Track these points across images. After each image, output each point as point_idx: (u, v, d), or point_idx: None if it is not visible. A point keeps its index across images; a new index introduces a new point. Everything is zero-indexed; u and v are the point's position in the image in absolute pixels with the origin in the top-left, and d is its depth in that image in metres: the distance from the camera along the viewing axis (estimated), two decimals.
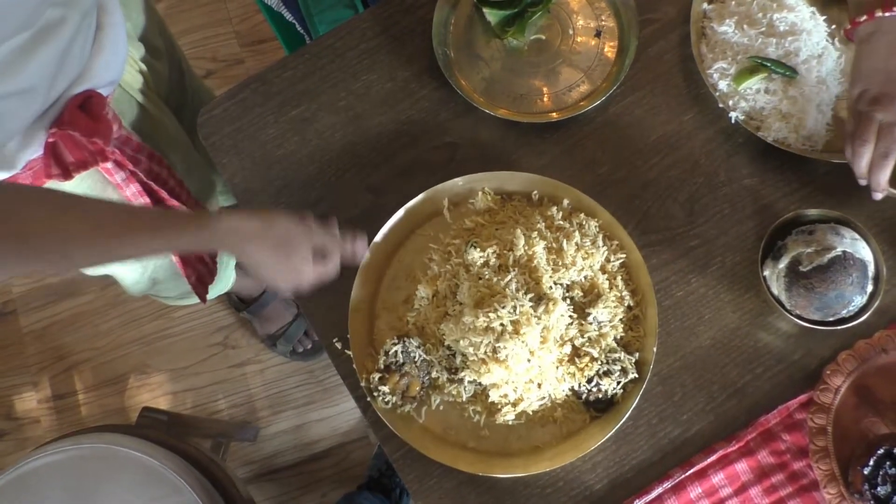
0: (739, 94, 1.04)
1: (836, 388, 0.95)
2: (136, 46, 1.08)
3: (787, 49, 1.04)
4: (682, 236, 1.03)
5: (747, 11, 1.07)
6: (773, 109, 1.03)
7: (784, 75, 1.03)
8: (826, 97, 1.04)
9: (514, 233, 0.97)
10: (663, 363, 0.99)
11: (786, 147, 1.02)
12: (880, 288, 0.93)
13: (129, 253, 0.89)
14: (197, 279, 1.18)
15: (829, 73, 1.05)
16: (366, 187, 1.06)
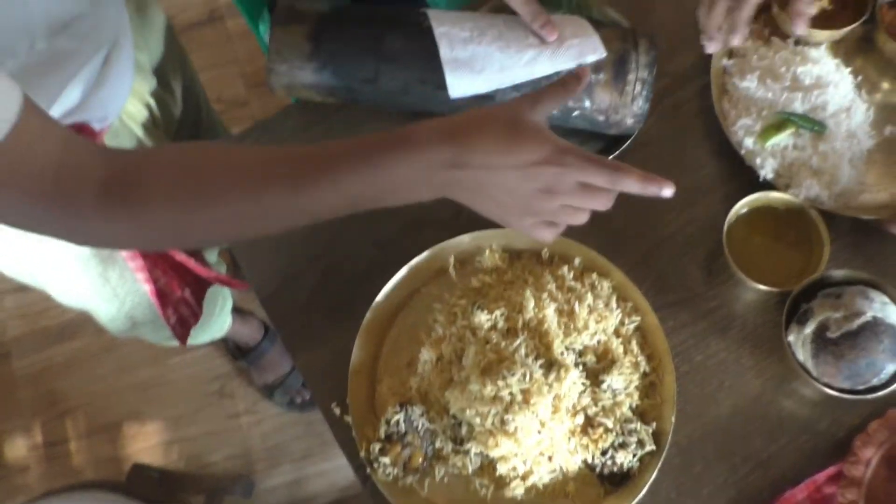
0: (767, 151, 1.00)
1: (867, 461, 0.89)
2: (147, 79, 1.04)
3: (813, 103, 1.00)
4: (701, 297, 0.99)
5: (770, 65, 1.03)
6: (803, 166, 0.99)
7: (812, 130, 0.99)
8: (857, 151, 1.00)
9: (523, 294, 0.92)
10: (682, 433, 0.93)
11: (818, 205, 0.97)
12: None
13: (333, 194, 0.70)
14: (178, 320, 1.13)
15: (858, 126, 1.01)
16: (372, 242, 1.02)
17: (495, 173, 0.70)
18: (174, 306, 1.10)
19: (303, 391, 1.80)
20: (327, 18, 0.96)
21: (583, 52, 0.93)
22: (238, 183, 0.69)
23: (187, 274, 1.11)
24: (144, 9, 1.06)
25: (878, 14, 1.04)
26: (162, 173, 0.69)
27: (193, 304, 1.15)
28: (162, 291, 1.07)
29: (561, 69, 0.93)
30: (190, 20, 2.25)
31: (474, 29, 0.94)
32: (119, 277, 1.09)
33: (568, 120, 0.98)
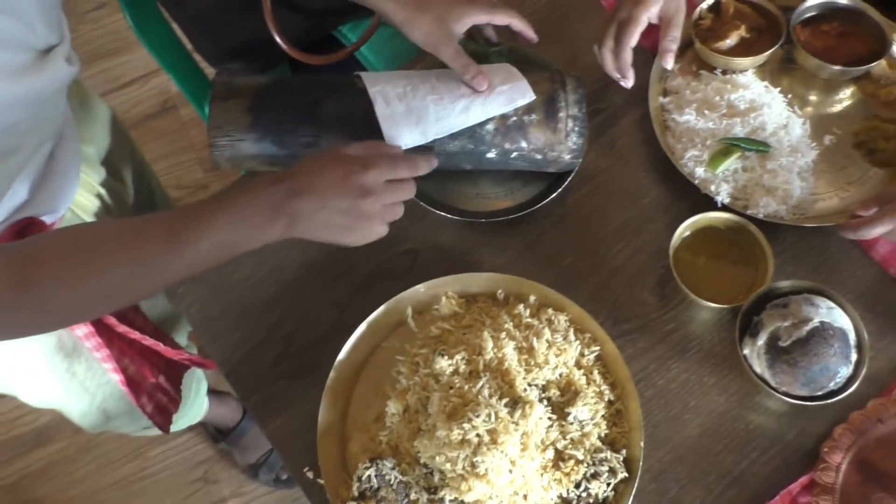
0: (719, 177, 1.03)
1: (837, 466, 0.90)
2: (96, 170, 1.06)
3: (752, 126, 1.05)
4: (656, 322, 1.00)
5: (704, 97, 1.08)
6: (756, 185, 1.03)
7: (757, 151, 1.03)
8: (803, 164, 1.04)
9: (481, 336, 0.93)
10: (653, 458, 0.94)
11: (778, 220, 1.00)
12: (865, 356, 0.90)
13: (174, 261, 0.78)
14: (156, 408, 1.12)
15: (798, 140, 1.05)
16: (328, 303, 1.03)
17: (322, 196, 0.81)
18: (149, 394, 1.10)
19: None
20: (264, 90, 0.99)
21: (513, 96, 0.97)
22: (119, 249, 0.78)
23: (158, 359, 1.11)
24: (87, 103, 1.09)
25: (794, 34, 1.09)
26: (54, 252, 0.77)
27: (170, 390, 1.15)
28: (133, 380, 1.06)
29: (494, 114, 0.97)
30: (144, 112, 2.30)
31: (407, 85, 0.98)
32: (86, 370, 1.09)
33: (508, 162, 1.01)
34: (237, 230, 0.79)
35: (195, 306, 1.03)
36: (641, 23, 1.03)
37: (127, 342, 1.06)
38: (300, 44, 1.28)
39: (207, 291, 1.04)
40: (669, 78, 1.11)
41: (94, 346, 1.02)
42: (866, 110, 1.09)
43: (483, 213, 1.05)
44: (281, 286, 1.04)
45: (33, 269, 0.74)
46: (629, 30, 1.03)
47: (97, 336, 0.98)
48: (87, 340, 0.99)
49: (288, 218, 0.80)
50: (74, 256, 0.76)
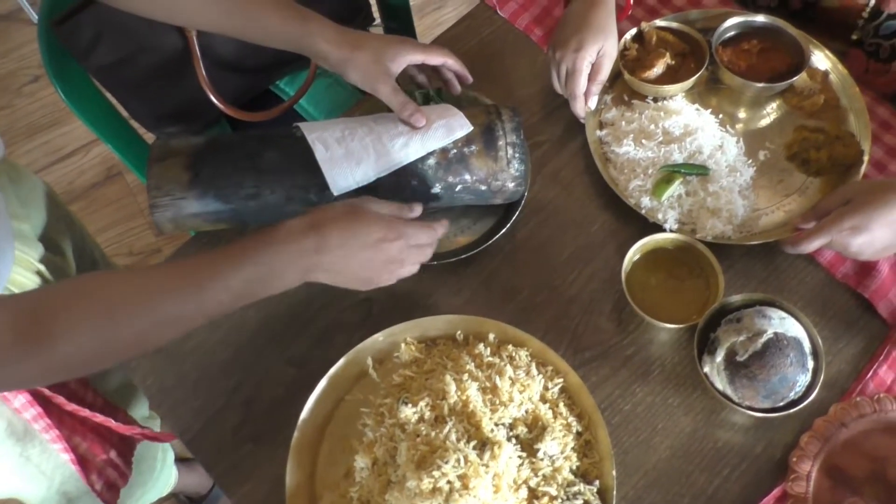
0: (664, 204, 1.05)
1: (807, 475, 0.90)
2: (34, 247, 1.04)
3: (689, 150, 1.07)
4: (616, 347, 1.01)
5: (640, 126, 1.10)
6: (701, 209, 1.04)
7: (698, 174, 1.05)
8: (743, 182, 1.06)
9: (443, 380, 0.92)
10: (627, 485, 0.93)
11: (725, 241, 1.02)
12: (821, 362, 0.91)
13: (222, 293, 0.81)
14: (105, 484, 1.08)
15: (735, 158, 1.08)
16: (286, 361, 1.01)
17: (350, 254, 0.86)
18: (98, 471, 1.06)
19: None
20: (203, 147, 0.98)
21: (451, 129, 0.98)
22: (139, 301, 0.78)
23: (110, 433, 1.08)
24: (18, 180, 1.07)
25: (717, 56, 1.12)
26: (68, 305, 0.75)
27: (121, 465, 1.11)
28: (83, 457, 1.03)
29: (433, 148, 0.97)
30: (90, 182, 2.27)
31: (345, 129, 0.98)
32: (41, 453, 1.05)
33: (454, 197, 1.01)
34: (262, 281, 0.83)
35: (150, 378, 1.01)
36: (584, 70, 1.07)
37: (79, 420, 1.03)
38: (237, 102, 1.29)
39: (161, 362, 1.01)
40: (604, 110, 1.13)
41: (43, 427, 0.99)
42: (794, 122, 1.12)
43: (435, 255, 1.05)
44: (236, 349, 1.02)
45: (45, 325, 0.73)
46: (576, 81, 1.07)
47: (46, 417, 0.95)
48: (35, 423, 0.96)
49: (314, 272, 0.85)
50: (89, 311, 0.75)
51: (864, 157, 1.05)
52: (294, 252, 0.83)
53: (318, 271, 0.85)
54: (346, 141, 0.96)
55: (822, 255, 1.03)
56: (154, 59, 1.21)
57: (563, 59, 1.08)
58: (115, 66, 1.19)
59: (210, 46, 1.22)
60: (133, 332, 0.78)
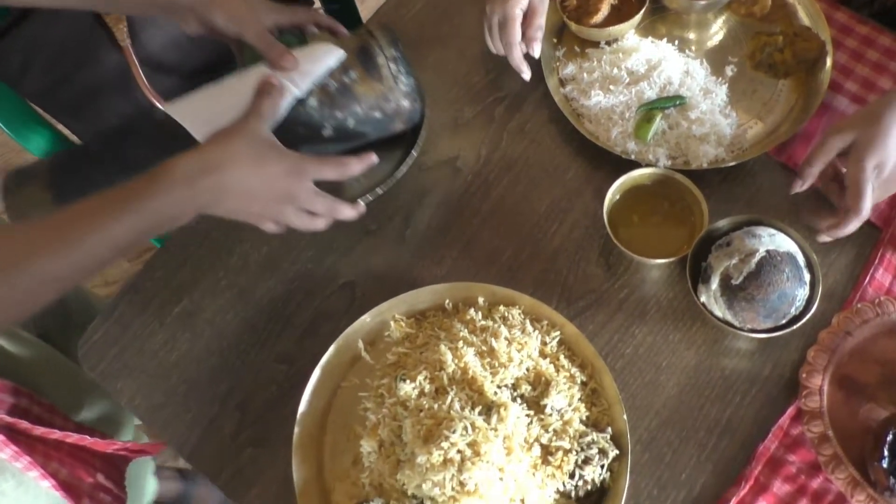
0: (651, 144, 1.02)
1: (819, 389, 0.89)
2: None
3: (659, 84, 1.04)
4: (609, 292, 0.98)
5: (603, 74, 1.07)
6: (689, 139, 1.02)
7: (676, 105, 1.03)
8: (719, 101, 1.04)
9: (439, 350, 0.90)
10: (640, 428, 0.91)
11: (723, 164, 1.00)
12: (817, 273, 0.89)
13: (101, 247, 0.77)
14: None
15: (705, 80, 1.05)
16: (275, 359, 0.98)
17: (250, 194, 0.83)
18: (90, 496, 1.02)
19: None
20: (61, 160, 0.93)
21: (320, 62, 0.92)
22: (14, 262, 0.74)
23: (91, 456, 1.03)
24: None
25: None
26: None
27: (113, 488, 1.06)
28: (67, 483, 0.98)
29: (309, 87, 0.92)
30: None
31: (211, 93, 0.93)
32: (16, 487, 0.99)
33: (351, 136, 0.96)
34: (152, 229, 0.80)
35: (137, 398, 0.97)
36: (517, 17, 1.02)
37: (52, 445, 0.98)
38: None
39: (146, 380, 0.98)
40: (560, 67, 1.10)
41: (11, 455, 0.93)
42: (749, 31, 1.10)
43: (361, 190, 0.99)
44: (222, 355, 0.98)
45: None
46: (510, 30, 1.02)
47: (12, 444, 0.91)
48: (1, 452, 0.91)
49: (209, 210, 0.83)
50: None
51: (827, 47, 1.03)
52: (188, 198, 0.80)
53: (214, 209, 0.83)
54: (214, 103, 0.91)
55: None
56: (91, 76, 1.16)
57: (494, 11, 1.03)
58: (50, 88, 1.15)
59: (148, 54, 1.18)
60: (19, 291, 0.75)
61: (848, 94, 1.05)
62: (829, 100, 1.04)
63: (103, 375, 0.98)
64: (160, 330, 1.00)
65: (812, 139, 1.02)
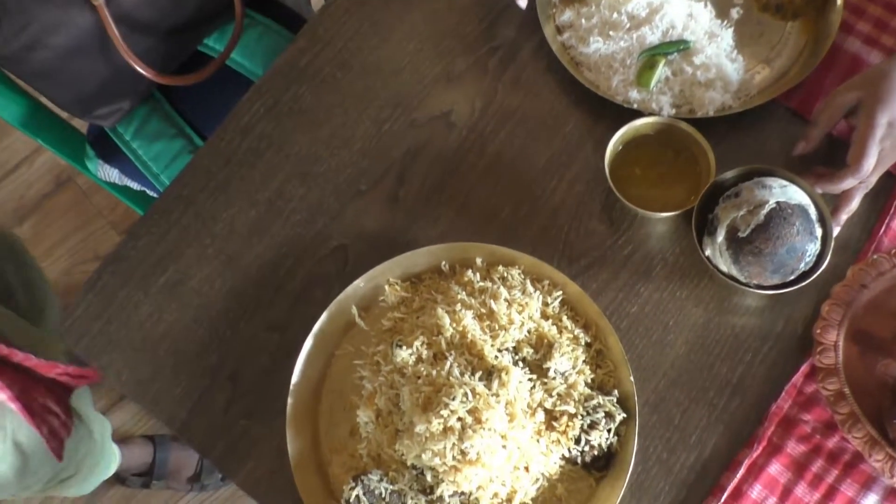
0: (654, 92, 0.96)
1: (834, 344, 0.85)
2: None
3: (662, 28, 0.98)
4: (613, 248, 0.94)
5: (601, 20, 1.00)
6: (694, 85, 0.96)
7: (679, 51, 0.97)
8: (726, 45, 0.98)
9: (436, 314, 0.86)
10: (647, 389, 0.88)
11: (729, 111, 0.94)
12: (829, 227, 0.84)
13: None
14: (50, 432, 1.01)
15: (710, 24, 0.99)
16: (266, 328, 0.94)
17: None
18: (40, 416, 0.98)
19: None
20: None
21: None
22: None
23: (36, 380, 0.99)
24: None
25: None
26: None
27: (60, 413, 1.02)
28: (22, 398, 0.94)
29: None
30: (41, 192, 2.16)
31: None
32: None
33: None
34: None
35: (124, 373, 0.93)
36: None
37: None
38: (166, 69, 1.19)
39: (132, 354, 0.94)
40: (557, 14, 1.04)
41: None
42: None
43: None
44: (211, 325, 0.94)
45: None
46: None
47: None
48: None
49: None
50: None
51: None
52: None
53: None
54: None
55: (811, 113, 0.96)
56: (64, 38, 1.10)
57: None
58: (21, 53, 1.09)
59: (124, 13, 1.12)
60: None
61: (860, 36, 0.99)
62: (840, 42, 0.98)
63: (88, 350, 0.94)
64: (145, 301, 0.96)
65: (823, 84, 0.97)
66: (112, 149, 1.25)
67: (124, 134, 1.23)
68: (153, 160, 1.22)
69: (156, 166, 1.22)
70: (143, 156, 1.22)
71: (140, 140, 1.23)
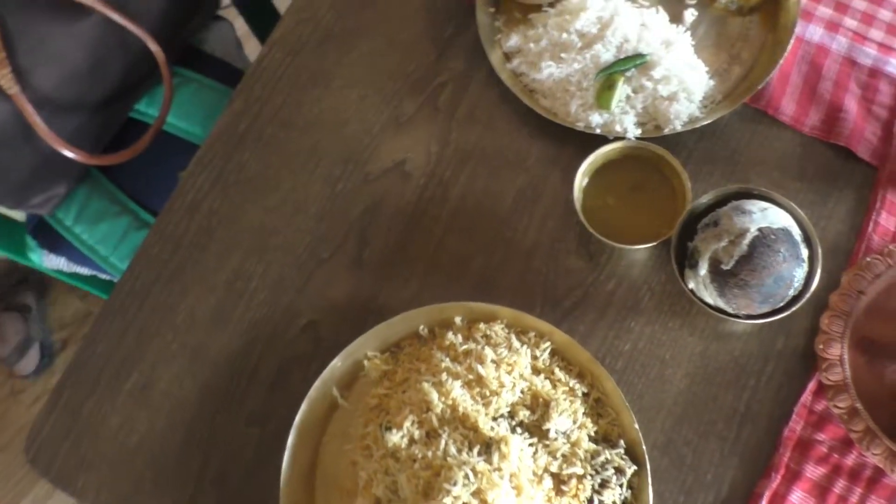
0: (616, 113, 0.91)
1: (840, 358, 0.81)
2: None
3: (616, 43, 0.93)
4: (595, 285, 0.89)
5: (551, 41, 0.95)
6: (657, 99, 0.91)
7: (637, 65, 0.92)
8: (684, 51, 0.93)
9: (422, 390, 0.81)
10: (654, 430, 0.84)
11: (698, 123, 0.90)
12: (816, 246, 0.79)
13: None
14: None
15: (665, 30, 0.94)
16: (246, 423, 0.89)
17: None
18: None
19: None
20: None
21: None
22: None
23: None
24: None
25: None
26: None
27: None
28: None
29: None
30: None
31: None
32: None
33: None
34: None
35: (103, 493, 0.87)
36: None
37: None
38: (99, 143, 1.12)
39: (108, 471, 0.88)
40: (503, 39, 0.98)
41: None
42: None
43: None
44: (187, 428, 0.89)
45: None
46: None
47: None
48: None
49: None
50: None
51: None
52: None
53: None
54: None
55: (782, 113, 0.92)
56: None
57: None
58: None
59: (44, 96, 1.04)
60: None
61: (821, 22, 0.94)
62: (801, 32, 0.94)
63: (60, 477, 0.88)
64: (113, 412, 0.90)
65: (790, 79, 0.93)
66: (54, 237, 1.18)
67: (65, 220, 1.16)
68: (100, 243, 1.15)
69: (103, 249, 1.15)
70: (87, 240, 1.15)
71: (83, 224, 1.16)
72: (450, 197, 0.94)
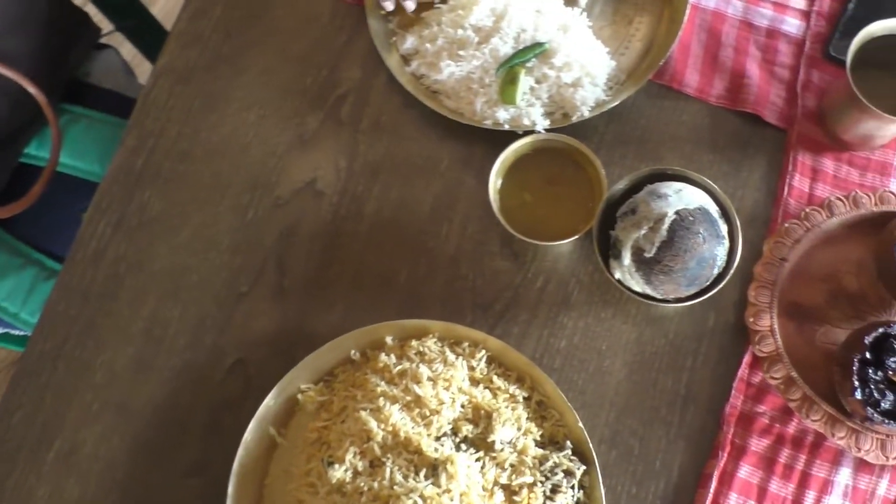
0: (523, 107, 0.88)
1: (770, 329, 0.81)
2: None
3: (513, 34, 0.90)
4: (524, 284, 0.88)
5: (448, 40, 0.91)
6: (562, 87, 0.89)
7: (537, 55, 0.89)
8: (583, 34, 0.91)
9: (360, 419, 0.78)
10: (599, 425, 0.83)
11: (605, 106, 0.88)
12: (734, 220, 0.79)
13: None
14: None
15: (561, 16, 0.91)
16: (183, 475, 0.85)
17: None
18: None
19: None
20: None
21: None
22: None
23: None
24: None
25: None
26: None
27: None
28: None
29: None
30: None
31: None
32: None
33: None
34: None
35: None
36: None
37: None
38: None
39: None
40: (398, 42, 0.95)
41: None
42: None
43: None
44: (121, 489, 0.85)
45: None
46: None
47: None
48: None
49: None
50: None
51: None
52: None
53: None
54: None
55: (687, 85, 0.91)
56: None
57: None
58: None
59: None
60: None
61: None
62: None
63: None
64: (39, 483, 0.85)
65: (690, 50, 0.92)
66: None
67: None
68: (6, 300, 1.09)
69: (11, 306, 1.09)
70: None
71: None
72: (365, 212, 0.91)
